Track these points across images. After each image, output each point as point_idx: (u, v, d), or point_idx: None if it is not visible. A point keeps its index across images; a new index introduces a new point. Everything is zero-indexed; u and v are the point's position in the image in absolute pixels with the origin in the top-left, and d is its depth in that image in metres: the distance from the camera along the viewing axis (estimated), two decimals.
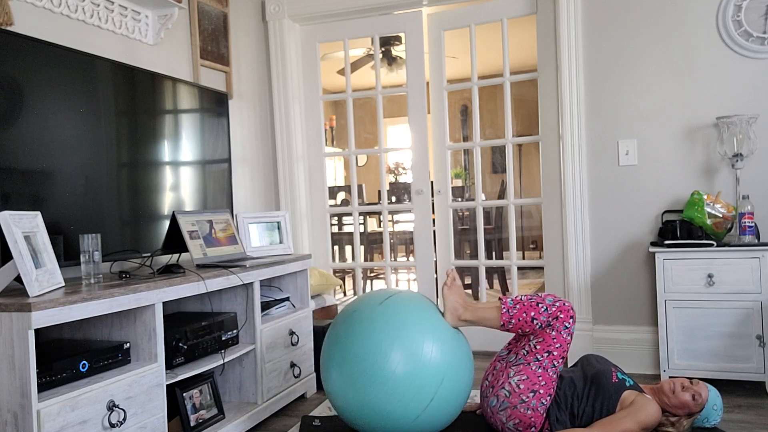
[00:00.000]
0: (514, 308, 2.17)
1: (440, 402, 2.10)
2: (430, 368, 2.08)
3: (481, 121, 7.55)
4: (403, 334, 2.09)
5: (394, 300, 2.21)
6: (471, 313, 2.22)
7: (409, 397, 2.06)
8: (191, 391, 2.30)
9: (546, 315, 2.14)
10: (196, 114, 2.80)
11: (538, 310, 2.15)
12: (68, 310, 1.66)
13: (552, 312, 2.14)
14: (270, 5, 3.77)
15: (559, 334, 2.14)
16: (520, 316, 2.16)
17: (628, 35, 3.18)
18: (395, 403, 2.06)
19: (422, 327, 2.13)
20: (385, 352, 2.07)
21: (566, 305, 2.15)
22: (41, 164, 2.03)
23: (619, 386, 2.17)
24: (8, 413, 1.57)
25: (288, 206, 3.80)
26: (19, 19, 2.21)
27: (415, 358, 2.07)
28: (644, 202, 3.18)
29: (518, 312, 2.16)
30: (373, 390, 2.07)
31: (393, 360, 2.06)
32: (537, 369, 2.14)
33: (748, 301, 2.73)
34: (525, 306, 2.17)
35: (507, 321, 2.17)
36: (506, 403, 2.16)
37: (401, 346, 2.08)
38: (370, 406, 2.09)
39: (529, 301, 2.17)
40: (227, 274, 2.35)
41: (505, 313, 2.17)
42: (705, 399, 2.20)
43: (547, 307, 2.15)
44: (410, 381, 2.06)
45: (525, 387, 2.14)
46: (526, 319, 2.15)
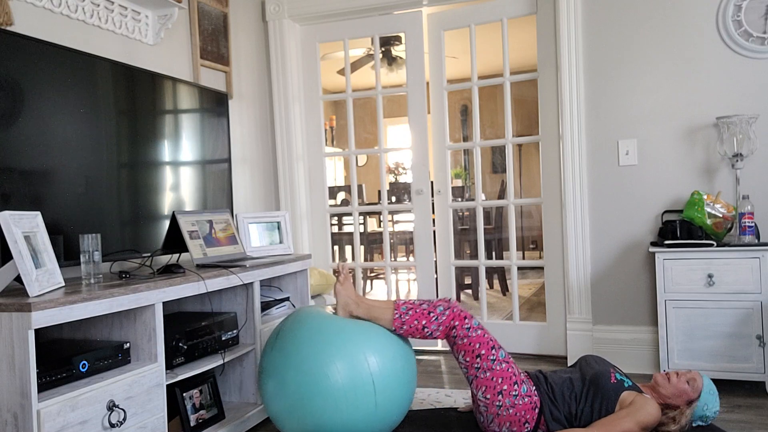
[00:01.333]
0: (407, 314, 2.22)
1: (384, 410, 2.13)
2: (362, 376, 2.08)
3: (481, 121, 7.55)
4: (312, 356, 2.10)
5: (284, 334, 2.22)
6: (363, 311, 2.27)
7: (354, 407, 2.08)
8: (191, 391, 2.30)
9: (437, 324, 2.20)
10: (196, 114, 2.80)
11: (429, 318, 2.21)
12: (68, 310, 1.65)
13: (443, 321, 2.20)
14: (270, 5, 3.77)
15: (469, 337, 2.19)
16: (411, 322, 2.22)
17: (628, 35, 3.18)
18: (338, 422, 2.09)
19: (328, 342, 2.13)
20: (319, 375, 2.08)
21: (455, 311, 2.21)
22: (41, 164, 2.03)
23: (618, 387, 2.17)
24: (8, 413, 1.57)
25: (288, 206, 3.80)
26: (19, 19, 2.21)
27: (347, 370, 2.08)
28: (644, 202, 3.18)
29: (410, 318, 2.22)
30: (314, 418, 2.09)
31: (331, 381, 2.07)
32: (485, 374, 2.17)
33: (748, 301, 2.73)
34: (417, 314, 2.22)
35: (399, 326, 2.23)
36: (489, 415, 2.18)
37: (313, 371, 2.08)
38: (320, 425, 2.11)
39: (422, 309, 2.23)
40: (227, 274, 2.35)
41: (397, 318, 2.23)
42: (700, 384, 2.21)
43: (437, 317, 2.21)
44: (350, 393, 2.07)
45: (491, 395, 2.16)
46: (417, 326, 2.21)
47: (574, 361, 2.46)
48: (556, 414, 2.16)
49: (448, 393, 2.86)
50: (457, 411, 2.58)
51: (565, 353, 3.36)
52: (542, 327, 3.53)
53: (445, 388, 2.98)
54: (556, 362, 3.36)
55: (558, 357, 3.42)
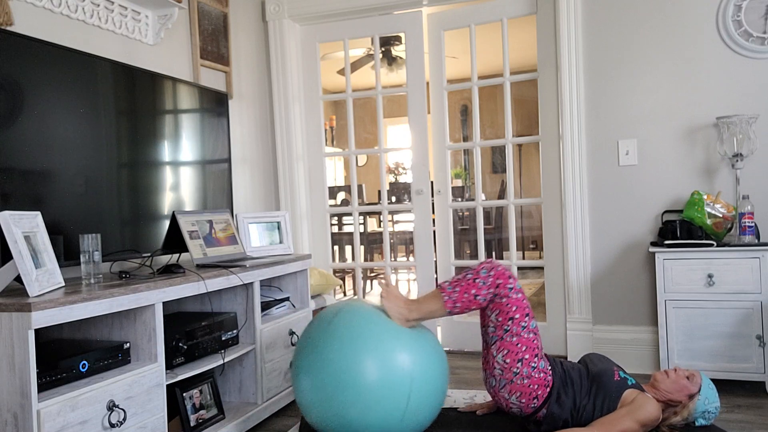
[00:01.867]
0: (455, 292, 2.17)
1: (414, 410, 2.11)
2: (399, 373, 2.07)
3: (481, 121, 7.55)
4: (361, 346, 2.08)
5: (342, 317, 2.19)
6: (417, 312, 2.22)
7: (383, 411, 2.06)
8: (191, 391, 2.30)
9: (486, 288, 2.15)
10: (196, 114, 2.80)
11: (476, 286, 2.16)
12: (68, 310, 1.65)
13: (491, 283, 2.15)
14: (270, 5, 3.77)
15: (509, 298, 2.15)
16: (462, 298, 2.16)
17: (628, 35, 3.18)
18: (371, 419, 2.06)
19: (376, 338, 2.11)
20: (350, 367, 2.06)
21: (499, 269, 2.17)
22: (41, 164, 2.03)
23: (621, 385, 2.17)
24: (8, 413, 1.57)
25: (288, 206, 3.80)
26: (19, 19, 2.21)
27: (378, 372, 2.06)
28: (644, 202, 3.18)
29: (459, 294, 2.16)
30: (347, 409, 2.06)
31: (363, 377, 2.05)
32: (511, 338, 2.15)
33: (748, 301, 2.73)
34: (464, 286, 2.17)
35: (452, 307, 2.17)
36: (503, 380, 2.17)
37: (359, 361, 2.06)
38: (347, 424, 2.09)
39: (467, 280, 2.18)
40: (227, 274, 2.35)
41: (447, 300, 2.17)
42: (699, 379, 2.23)
43: (483, 280, 2.16)
44: (380, 394, 2.05)
45: (511, 360, 2.15)
46: (468, 298, 2.16)
47: (578, 360, 2.46)
48: (563, 398, 2.16)
49: (449, 393, 2.86)
50: (457, 411, 2.58)
51: (566, 353, 3.36)
52: (542, 327, 3.53)
53: None
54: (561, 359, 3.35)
55: (558, 357, 3.41)
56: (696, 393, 2.20)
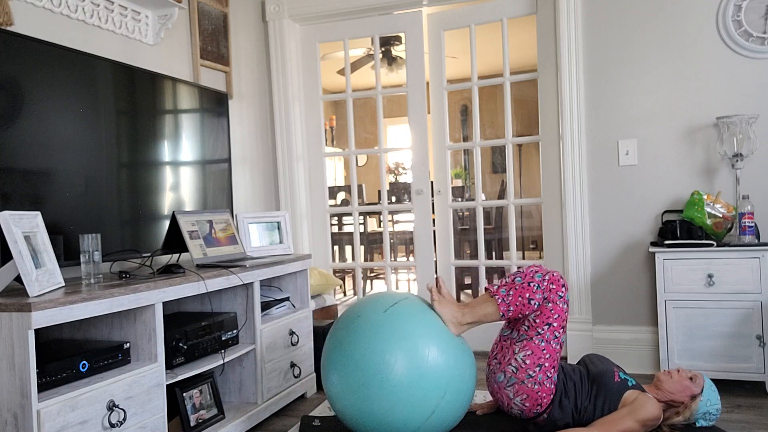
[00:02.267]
0: (509, 295, 2.16)
1: (442, 412, 2.09)
2: (434, 379, 2.05)
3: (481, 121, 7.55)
4: (407, 344, 2.07)
5: (399, 307, 2.18)
6: (471, 316, 2.20)
7: (411, 408, 2.04)
8: (191, 391, 2.30)
9: (540, 292, 2.14)
10: (196, 114, 2.80)
11: (531, 290, 2.15)
12: (68, 310, 1.65)
13: (545, 287, 2.15)
14: (270, 5, 3.77)
15: (555, 305, 2.15)
16: (516, 301, 2.15)
17: (628, 35, 3.18)
18: (397, 413, 2.05)
19: (427, 336, 2.10)
20: (388, 361, 2.04)
21: (555, 275, 2.17)
22: (41, 164, 2.03)
23: (621, 386, 2.18)
24: (8, 413, 1.57)
25: (288, 206, 3.80)
26: (19, 19, 2.21)
27: (418, 369, 2.04)
28: (644, 202, 3.18)
29: (513, 298, 2.15)
30: (375, 398, 2.05)
31: (396, 369, 2.03)
32: (540, 342, 2.15)
33: (748, 301, 2.73)
34: (518, 290, 2.16)
35: (506, 310, 2.16)
36: (513, 378, 2.16)
37: (405, 355, 2.05)
38: (372, 414, 2.07)
39: (520, 284, 2.16)
40: (227, 274, 2.35)
41: (501, 303, 2.16)
42: (702, 380, 2.23)
43: (538, 284, 2.15)
44: (413, 391, 2.03)
45: (531, 362, 2.14)
46: (522, 302, 2.15)
47: (578, 360, 2.46)
48: (565, 402, 2.17)
49: None
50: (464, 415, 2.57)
51: (566, 353, 3.36)
52: None
53: None
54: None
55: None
56: (698, 394, 2.20)
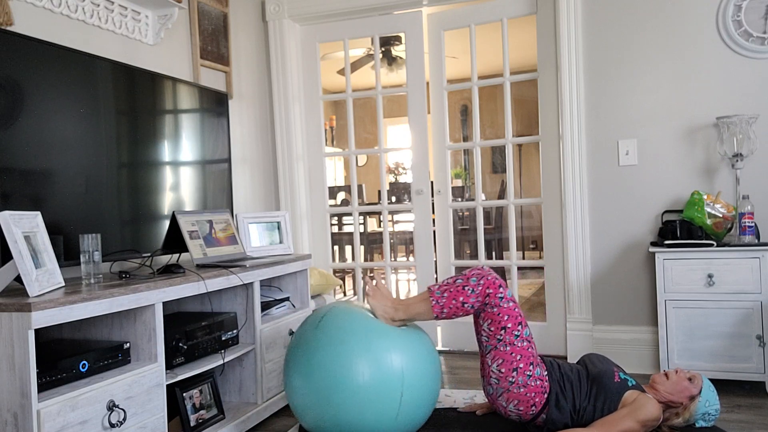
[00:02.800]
0: (443, 297, 2.17)
1: (407, 410, 2.11)
2: (386, 380, 2.08)
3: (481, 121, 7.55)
4: (349, 348, 2.09)
5: (328, 318, 2.20)
6: (404, 313, 2.23)
7: (376, 412, 2.07)
8: (191, 391, 2.30)
9: (474, 296, 2.15)
10: (196, 114, 2.80)
11: (465, 293, 2.16)
12: (68, 310, 1.65)
13: (480, 291, 2.15)
14: (270, 5, 3.77)
15: (500, 307, 2.15)
16: (450, 304, 2.16)
17: (628, 35, 3.18)
18: (364, 420, 2.07)
19: (365, 336, 2.12)
20: (339, 370, 2.07)
21: (490, 278, 2.16)
22: (41, 164, 2.03)
23: (621, 386, 2.17)
24: (8, 413, 1.57)
25: (288, 206, 3.80)
26: (19, 19, 2.21)
27: (370, 373, 2.07)
28: (644, 202, 3.18)
29: (447, 300, 2.16)
30: (338, 411, 2.07)
31: (349, 377, 2.06)
32: (505, 348, 2.15)
33: (748, 301, 2.73)
34: (452, 292, 2.17)
35: (439, 312, 2.18)
36: (500, 389, 2.18)
37: (348, 363, 2.07)
38: (340, 425, 2.09)
39: (456, 286, 2.17)
40: (227, 274, 2.35)
41: (435, 304, 2.17)
42: (700, 380, 2.22)
43: (473, 288, 2.15)
44: (370, 395, 2.06)
45: (506, 369, 2.15)
46: (456, 305, 2.16)
47: (578, 360, 2.46)
48: (562, 403, 2.16)
49: (448, 393, 2.86)
50: (457, 411, 2.58)
51: (566, 353, 3.36)
52: (542, 327, 3.53)
53: (445, 388, 2.98)
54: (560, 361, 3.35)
55: (558, 357, 3.42)
56: (697, 395, 2.20)
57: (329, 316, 2.22)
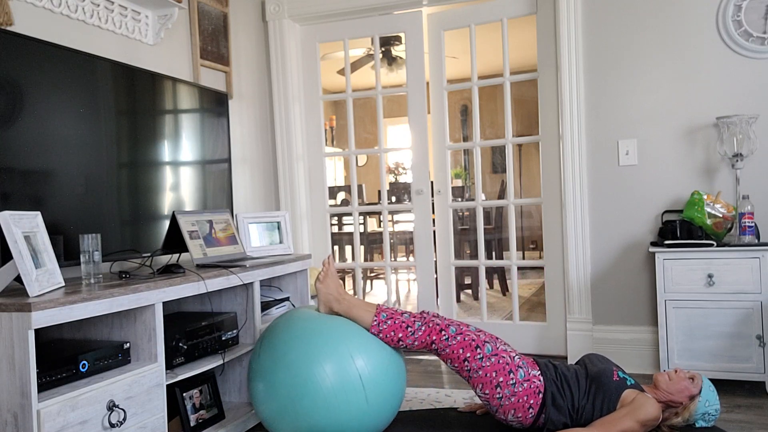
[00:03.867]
0: (385, 323, 2.24)
1: (375, 410, 2.14)
2: (350, 376, 2.10)
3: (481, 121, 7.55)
4: (300, 357, 2.11)
5: (272, 336, 2.23)
6: (344, 308, 2.28)
7: (341, 415, 2.09)
8: (191, 391, 2.30)
9: (413, 339, 2.22)
10: (196, 114, 2.80)
11: (406, 333, 2.23)
12: (68, 310, 1.65)
13: (419, 337, 2.22)
14: (270, 5, 3.77)
15: (450, 347, 2.21)
16: (388, 332, 2.23)
17: (628, 35, 3.18)
18: (333, 424, 2.09)
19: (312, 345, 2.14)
20: (301, 383, 2.09)
21: (431, 325, 2.23)
22: (41, 164, 2.03)
23: (620, 385, 2.17)
24: (8, 413, 1.57)
25: (288, 206, 3.80)
26: (19, 19, 2.21)
27: (338, 372, 2.09)
28: (644, 202, 3.18)
29: (387, 328, 2.23)
30: (314, 413, 2.09)
31: (321, 376, 2.08)
32: (477, 373, 2.19)
33: (748, 301, 2.73)
34: (395, 325, 2.23)
35: (376, 332, 2.24)
36: (494, 407, 2.21)
37: (316, 365, 2.09)
38: (318, 427, 2.11)
39: (401, 321, 2.24)
40: (227, 274, 2.35)
41: (375, 325, 2.24)
42: (700, 380, 2.23)
43: (414, 332, 2.23)
44: (336, 401, 2.08)
45: (489, 390, 2.19)
46: (393, 338, 2.23)
47: (577, 360, 2.46)
48: (560, 402, 2.17)
49: (448, 393, 2.86)
50: (457, 411, 2.58)
51: (565, 353, 3.36)
52: (542, 327, 3.53)
53: (445, 388, 2.98)
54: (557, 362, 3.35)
55: (558, 357, 3.42)
56: (697, 395, 2.20)
57: (272, 334, 2.25)
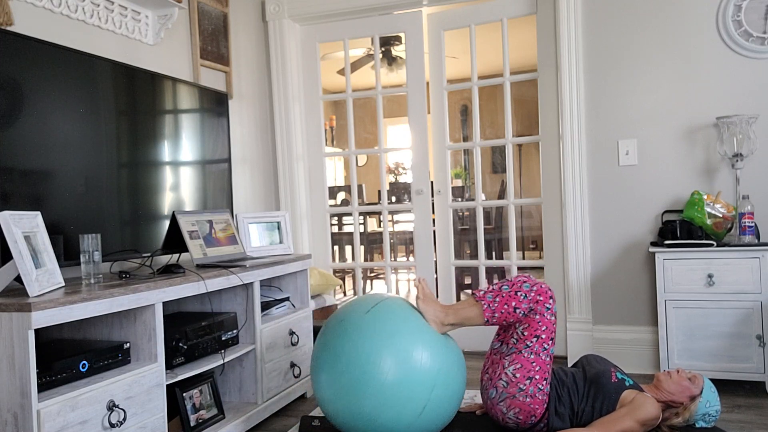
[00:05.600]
0: (494, 302, 2.17)
1: (433, 409, 2.09)
2: (422, 375, 2.06)
3: (481, 121, 7.55)
4: (392, 342, 2.07)
5: (381, 307, 2.19)
6: (453, 317, 2.21)
7: (401, 406, 2.05)
8: (191, 391, 2.30)
9: (527, 302, 2.14)
10: (196, 114, 2.80)
11: (517, 299, 2.15)
12: (68, 310, 1.65)
13: (532, 297, 2.15)
14: (270, 5, 3.77)
15: (543, 317, 2.15)
16: (501, 308, 2.16)
17: (628, 35, 3.18)
18: (388, 412, 2.05)
19: (411, 334, 2.11)
20: (375, 361, 2.05)
21: (543, 287, 2.17)
22: (41, 164, 2.03)
23: (619, 386, 2.17)
24: (8, 413, 1.57)
25: (288, 206, 3.80)
26: (19, 19, 2.21)
27: (405, 366, 2.05)
28: (644, 202, 3.18)
29: (499, 305, 2.16)
30: (365, 399, 2.05)
31: (384, 368, 2.04)
32: (529, 355, 2.15)
33: (748, 301, 2.73)
34: (504, 297, 2.16)
35: (490, 316, 2.17)
36: (504, 393, 2.17)
37: (391, 354, 2.06)
38: (363, 415, 2.07)
39: (507, 292, 2.17)
40: (227, 274, 2.35)
41: (486, 308, 2.17)
42: (701, 381, 2.22)
43: (525, 294, 2.15)
44: (402, 389, 2.04)
45: (521, 375, 2.15)
46: (508, 310, 2.15)
47: (575, 361, 2.46)
48: (561, 410, 2.17)
49: None
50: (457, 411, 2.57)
51: (566, 353, 3.36)
52: None
53: None
54: (555, 362, 3.35)
55: (558, 357, 3.42)
56: (697, 395, 2.20)
57: (383, 304, 2.19)
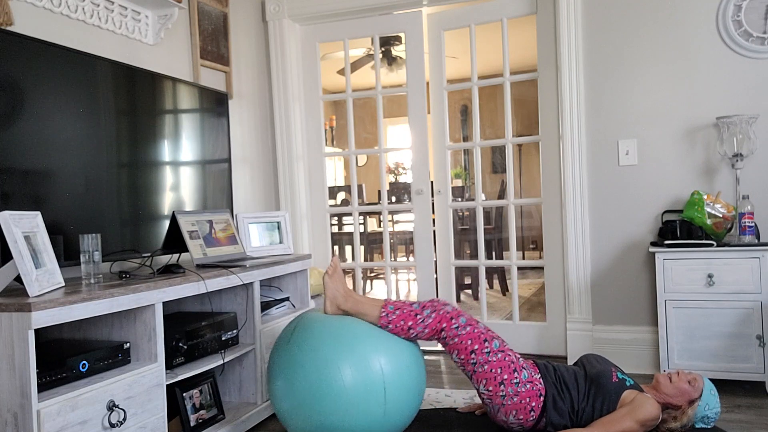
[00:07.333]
0: (394, 314, 2.22)
1: (393, 411, 2.12)
2: (368, 380, 2.08)
3: (481, 121, 7.55)
4: (324, 356, 2.10)
5: (299, 332, 2.21)
6: (351, 306, 2.26)
7: (361, 413, 2.07)
8: (191, 391, 2.30)
9: (423, 326, 2.20)
10: (196, 114, 2.80)
11: (416, 320, 2.21)
12: (68, 310, 1.65)
13: (429, 324, 2.20)
14: (270, 5, 3.77)
15: (459, 336, 2.19)
16: (398, 322, 2.21)
17: (628, 35, 3.18)
18: (351, 421, 2.08)
19: (340, 345, 2.12)
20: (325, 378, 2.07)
21: (441, 312, 2.21)
22: (41, 164, 2.03)
23: (619, 386, 2.17)
24: (8, 413, 1.57)
25: (288, 206, 3.80)
26: (19, 19, 2.21)
27: (350, 376, 2.07)
28: (644, 202, 3.18)
29: (396, 318, 2.21)
30: (328, 412, 2.08)
31: (342, 376, 2.06)
32: (483, 367, 2.18)
33: (748, 301, 2.73)
34: (404, 314, 2.21)
35: (385, 324, 2.22)
36: (495, 405, 2.20)
37: (336, 366, 2.08)
38: (334, 428, 2.10)
39: (409, 310, 2.22)
40: (227, 274, 2.35)
41: (384, 317, 2.22)
42: (701, 384, 2.22)
43: (424, 319, 2.20)
44: (357, 397, 2.06)
45: (492, 386, 2.17)
46: (402, 327, 2.21)
47: (575, 361, 2.46)
48: (560, 404, 2.17)
49: (448, 393, 2.86)
50: (456, 411, 2.58)
51: (565, 353, 3.36)
52: (542, 327, 3.53)
53: (445, 388, 2.98)
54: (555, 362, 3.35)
55: (558, 357, 3.42)
56: (697, 398, 2.19)
57: (298, 330, 2.23)
